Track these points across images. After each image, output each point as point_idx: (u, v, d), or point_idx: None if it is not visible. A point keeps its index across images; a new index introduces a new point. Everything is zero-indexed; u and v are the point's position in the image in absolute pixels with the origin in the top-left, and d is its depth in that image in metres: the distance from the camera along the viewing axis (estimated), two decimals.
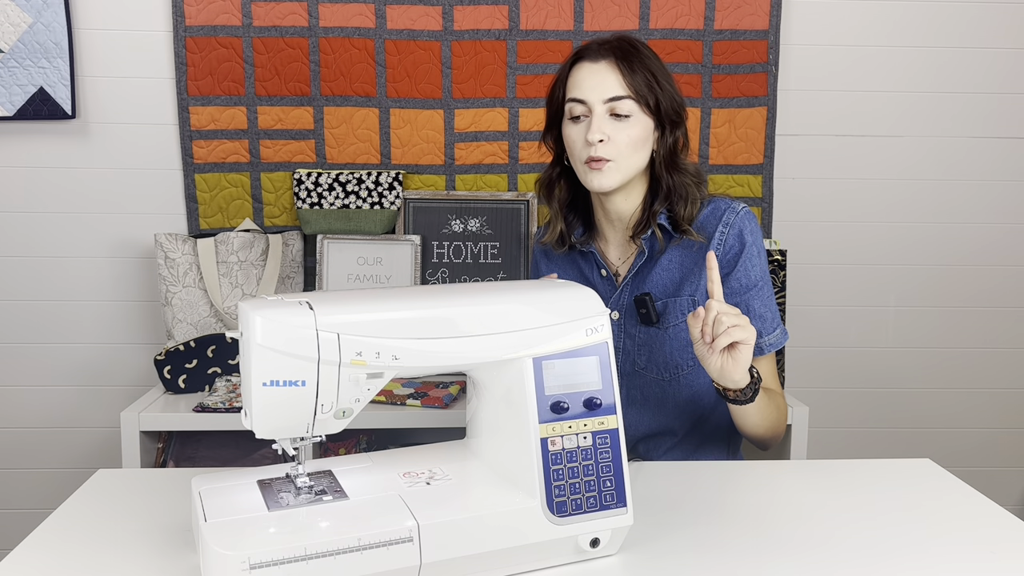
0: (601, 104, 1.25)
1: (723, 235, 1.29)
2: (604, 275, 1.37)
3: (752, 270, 1.29)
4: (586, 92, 1.26)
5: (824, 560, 0.90)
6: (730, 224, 1.29)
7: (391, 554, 0.80)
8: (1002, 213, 2.15)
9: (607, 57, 1.26)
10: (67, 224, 2.05)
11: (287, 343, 0.79)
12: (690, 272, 1.31)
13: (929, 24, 2.07)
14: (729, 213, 1.30)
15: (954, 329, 2.19)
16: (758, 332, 1.26)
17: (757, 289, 1.29)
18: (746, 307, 1.28)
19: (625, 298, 1.35)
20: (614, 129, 1.25)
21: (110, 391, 2.11)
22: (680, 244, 1.32)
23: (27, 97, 1.97)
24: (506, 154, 2.06)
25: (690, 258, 1.31)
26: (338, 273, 2.02)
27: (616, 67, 1.25)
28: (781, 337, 1.31)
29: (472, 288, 0.95)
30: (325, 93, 2.02)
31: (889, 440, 2.22)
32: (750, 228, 1.29)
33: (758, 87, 2.04)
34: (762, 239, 1.32)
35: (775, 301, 1.32)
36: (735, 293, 1.28)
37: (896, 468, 1.17)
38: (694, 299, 1.29)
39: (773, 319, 1.30)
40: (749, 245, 1.29)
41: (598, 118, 1.25)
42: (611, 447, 0.89)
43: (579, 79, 1.27)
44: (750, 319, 1.25)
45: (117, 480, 1.11)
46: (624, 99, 1.25)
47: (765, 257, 1.32)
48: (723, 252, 1.29)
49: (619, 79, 1.25)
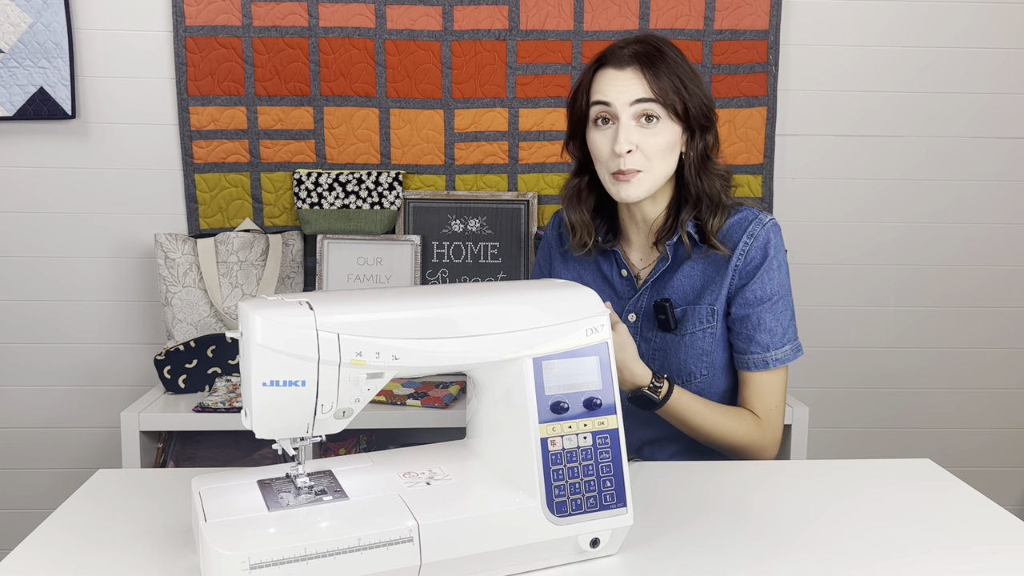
0: (627, 108, 1.21)
1: (746, 245, 1.26)
2: (624, 276, 1.35)
3: (769, 283, 1.26)
4: (611, 95, 1.22)
5: (824, 560, 0.90)
6: (755, 236, 1.26)
7: (391, 554, 0.80)
8: (1002, 213, 2.15)
9: (632, 65, 1.22)
10: (67, 224, 2.05)
11: (287, 343, 0.79)
12: (711, 281, 1.29)
13: (929, 24, 2.07)
14: (756, 224, 1.27)
15: (954, 329, 2.19)
16: (764, 346, 1.26)
17: (771, 303, 1.27)
18: (757, 319, 1.26)
19: (644, 302, 1.33)
20: (642, 136, 1.21)
21: (110, 391, 2.11)
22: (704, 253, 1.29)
23: (27, 97, 1.97)
24: (506, 154, 2.06)
25: (712, 267, 1.29)
26: (338, 273, 2.02)
27: (641, 75, 1.21)
28: (791, 354, 1.28)
29: (472, 288, 0.95)
30: (325, 93, 2.02)
31: (889, 440, 2.22)
32: (775, 241, 1.27)
33: (758, 87, 2.04)
34: (785, 253, 1.29)
35: (793, 317, 1.29)
36: (748, 304, 1.26)
37: (896, 468, 1.17)
38: (714, 308, 1.28)
39: (784, 334, 1.27)
40: (770, 258, 1.26)
41: (625, 126, 1.21)
42: (611, 447, 0.89)
43: (604, 83, 1.23)
44: (759, 332, 1.26)
45: (117, 480, 1.11)
46: (650, 102, 1.21)
47: (786, 272, 1.29)
48: (744, 263, 1.26)
49: (645, 86, 1.21)
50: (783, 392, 1.30)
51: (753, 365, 1.27)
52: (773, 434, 1.29)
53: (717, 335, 1.29)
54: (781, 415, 1.30)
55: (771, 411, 1.29)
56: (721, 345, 1.30)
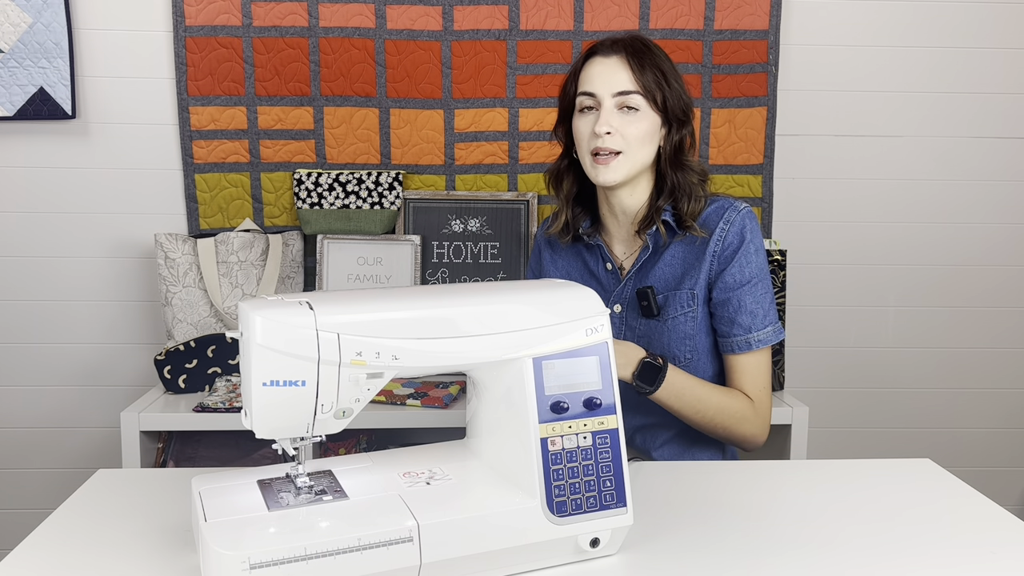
0: (610, 97, 1.28)
1: (723, 231, 1.32)
2: (609, 268, 1.41)
3: (747, 266, 1.31)
4: (596, 86, 1.29)
5: (824, 560, 0.90)
6: (731, 222, 1.32)
7: (391, 554, 0.80)
8: (1002, 213, 2.15)
9: (619, 53, 1.30)
10: (67, 224, 2.05)
11: (287, 343, 0.79)
12: (691, 267, 1.34)
13: (929, 24, 2.06)
14: (731, 211, 1.33)
15: (954, 329, 2.19)
16: (746, 327, 1.31)
17: (751, 285, 1.31)
18: (738, 302, 1.31)
19: (628, 291, 1.38)
20: (622, 122, 1.28)
21: (110, 391, 2.11)
22: (683, 239, 1.35)
23: (27, 97, 1.97)
24: (506, 154, 2.06)
25: (692, 253, 1.34)
26: (338, 273, 2.02)
27: (627, 63, 1.29)
28: (772, 335, 1.32)
29: (472, 288, 0.95)
30: (325, 93, 2.02)
31: (889, 440, 2.22)
32: (750, 226, 1.33)
33: (758, 87, 2.04)
34: (761, 239, 1.35)
35: (773, 300, 1.34)
36: (728, 288, 1.31)
37: (896, 468, 1.17)
38: (693, 292, 1.32)
39: (765, 316, 1.32)
40: (747, 242, 1.31)
41: (607, 111, 1.28)
42: (611, 447, 0.89)
43: (591, 73, 1.31)
44: (740, 314, 1.30)
45: (117, 480, 1.11)
46: (632, 94, 1.28)
47: (764, 256, 1.34)
48: (722, 248, 1.32)
49: (629, 75, 1.28)
50: (768, 374, 1.35)
51: (737, 347, 1.32)
52: (764, 415, 1.32)
53: (698, 319, 1.33)
54: (769, 398, 1.34)
55: (759, 392, 1.32)
56: (703, 330, 1.34)
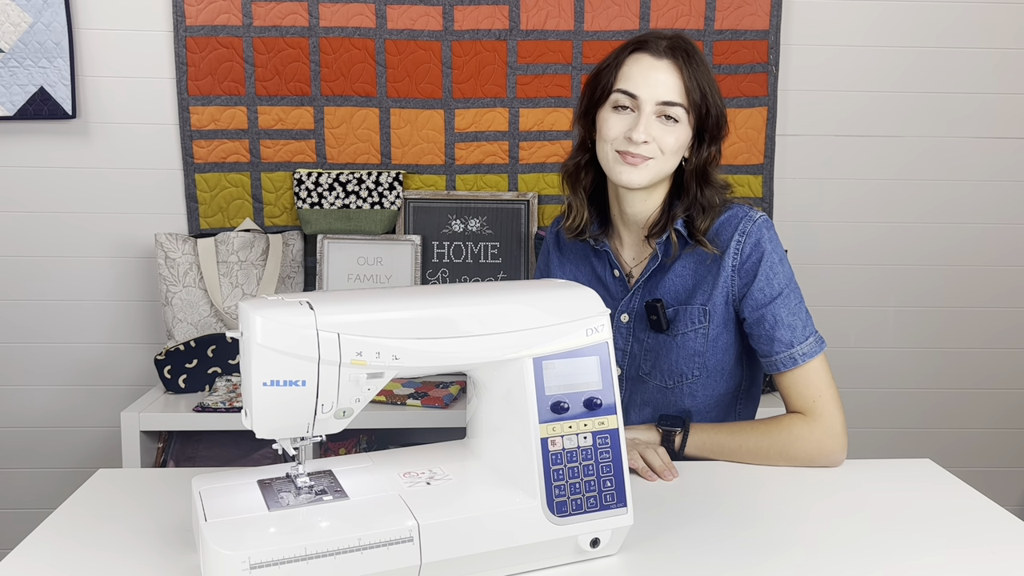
0: (653, 104, 1.21)
1: (739, 244, 1.25)
2: (617, 275, 1.35)
3: (775, 279, 1.24)
4: (641, 88, 1.21)
5: (824, 560, 0.90)
6: (747, 233, 1.25)
7: (391, 554, 0.80)
8: (1002, 213, 2.15)
9: (670, 57, 1.22)
10: (67, 224, 2.05)
11: (287, 343, 0.79)
12: (703, 281, 1.28)
13: (929, 24, 2.06)
14: (746, 221, 1.26)
15: (954, 329, 2.19)
16: (787, 343, 1.22)
17: (782, 298, 1.23)
18: (773, 317, 1.23)
19: (636, 302, 1.33)
20: (660, 132, 1.22)
21: (110, 391, 2.11)
22: (694, 252, 1.28)
23: (27, 97, 1.97)
24: (506, 154, 2.06)
25: (703, 267, 1.28)
26: (338, 273, 2.02)
27: (678, 72, 1.21)
28: (815, 346, 1.23)
29: (472, 288, 0.95)
30: (325, 93, 2.02)
31: (889, 440, 2.22)
32: (768, 236, 1.25)
33: (758, 87, 2.04)
34: (782, 247, 1.27)
35: (804, 308, 1.25)
36: (759, 305, 1.23)
37: (896, 468, 1.17)
38: (705, 308, 1.26)
39: (804, 328, 1.23)
40: (768, 253, 1.24)
41: (646, 117, 1.21)
42: (611, 447, 0.89)
43: (635, 71, 1.22)
44: (778, 329, 1.23)
45: (117, 480, 1.11)
46: (677, 106, 1.21)
47: (788, 265, 1.26)
48: (740, 261, 1.25)
49: (678, 85, 1.21)
50: (824, 380, 1.23)
51: (782, 365, 1.23)
52: (824, 428, 1.19)
53: (710, 337, 1.27)
54: (830, 401, 1.21)
55: (814, 403, 1.21)
56: (715, 347, 1.28)
